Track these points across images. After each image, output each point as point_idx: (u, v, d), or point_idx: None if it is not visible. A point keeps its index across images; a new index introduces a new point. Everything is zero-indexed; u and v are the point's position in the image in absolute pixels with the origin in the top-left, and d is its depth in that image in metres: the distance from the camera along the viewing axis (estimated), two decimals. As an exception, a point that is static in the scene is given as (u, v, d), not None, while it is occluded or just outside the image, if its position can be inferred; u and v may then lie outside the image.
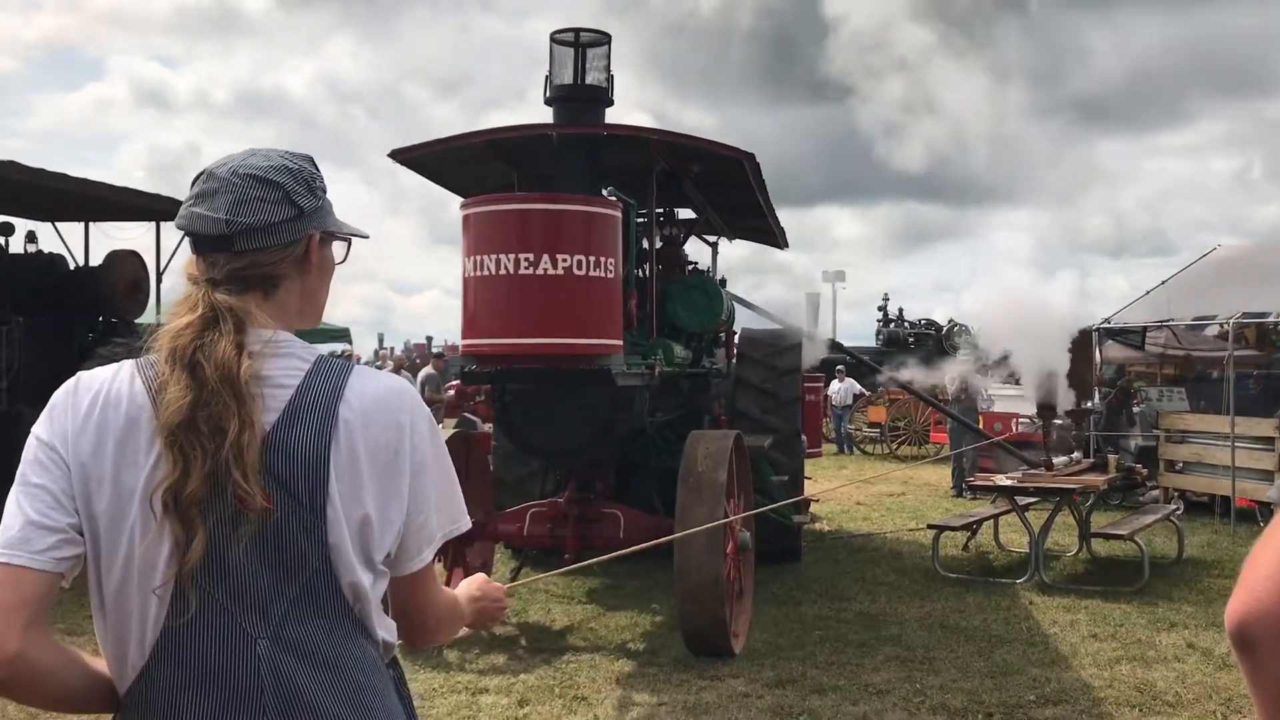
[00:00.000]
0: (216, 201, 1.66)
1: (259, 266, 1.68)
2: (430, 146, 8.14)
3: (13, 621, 1.49)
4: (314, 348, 1.71)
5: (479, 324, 6.88)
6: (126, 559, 1.56)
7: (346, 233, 1.83)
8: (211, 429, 1.53)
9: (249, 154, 1.73)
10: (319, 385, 1.63)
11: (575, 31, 7.86)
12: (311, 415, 1.60)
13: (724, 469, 6.78)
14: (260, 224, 1.66)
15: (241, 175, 1.68)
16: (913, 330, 30.45)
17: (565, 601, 8.55)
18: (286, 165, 1.72)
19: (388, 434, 1.64)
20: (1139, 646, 7.24)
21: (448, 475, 1.76)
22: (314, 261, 1.75)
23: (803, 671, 6.57)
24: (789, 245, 12.40)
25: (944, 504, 14.55)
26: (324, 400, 1.62)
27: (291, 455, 1.57)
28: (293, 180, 1.70)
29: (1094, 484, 9.82)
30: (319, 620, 1.60)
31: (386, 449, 1.64)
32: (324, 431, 1.59)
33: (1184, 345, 17.32)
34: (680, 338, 9.09)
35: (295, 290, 1.74)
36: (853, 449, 22.85)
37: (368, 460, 1.62)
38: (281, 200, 1.68)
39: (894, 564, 10.13)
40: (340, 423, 1.60)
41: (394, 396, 1.68)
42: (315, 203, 1.73)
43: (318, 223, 1.74)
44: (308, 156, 1.80)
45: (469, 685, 6.31)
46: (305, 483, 1.57)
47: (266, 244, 1.67)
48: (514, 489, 9.30)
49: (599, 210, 6.99)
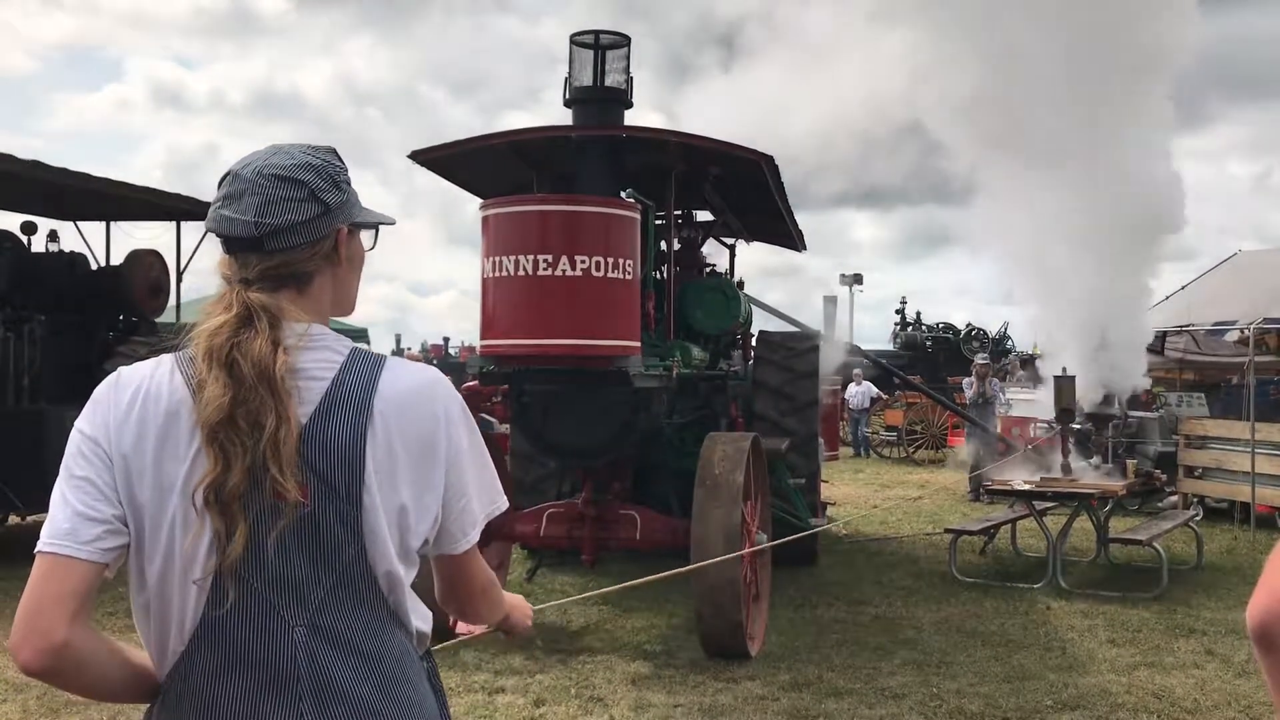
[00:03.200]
0: (244, 203, 1.68)
1: (290, 265, 1.70)
2: (450, 148, 8.16)
3: (60, 611, 1.53)
4: (347, 340, 1.74)
5: (497, 325, 6.90)
6: (168, 549, 1.59)
7: (373, 221, 1.85)
8: (250, 424, 1.55)
9: (273, 152, 1.74)
10: (354, 378, 1.66)
11: (595, 34, 7.88)
12: (347, 407, 1.63)
13: (741, 471, 6.78)
14: (288, 224, 1.68)
15: (267, 175, 1.69)
16: (930, 334, 30.37)
17: (582, 603, 8.55)
18: (310, 162, 1.73)
19: (423, 424, 1.67)
20: (1157, 652, 7.20)
21: (483, 459, 1.79)
22: (343, 254, 1.77)
23: (819, 675, 6.57)
24: (807, 248, 12.39)
25: (961, 508, 14.51)
26: (359, 392, 1.64)
27: (328, 447, 1.60)
28: (317, 177, 1.72)
29: (1112, 489, 9.78)
30: (355, 609, 1.63)
31: (422, 439, 1.67)
32: (359, 423, 1.62)
33: (1204, 351, 17.22)
34: (698, 340, 9.09)
35: (327, 283, 1.77)
36: (869, 452, 22.79)
37: (404, 450, 1.65)
38: (308, 199, 1.70)
39: (911, 568, 10.11)
40: (375, 414, 1.63)
41: (428, 387, 1.71)
42: (341, 197, 1.75)
43: (344, 216, 1.76)
44: (331, 149, 1.81)
45: (485, 685, 6.33)
46: (342, 473, 1.60)
47: (296, 242, 1.70)
48: (531, 490, 9.32)
49: (618, 212, 7.00)
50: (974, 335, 29.46)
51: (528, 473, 9.56)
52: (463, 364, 37.09)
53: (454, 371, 36.95)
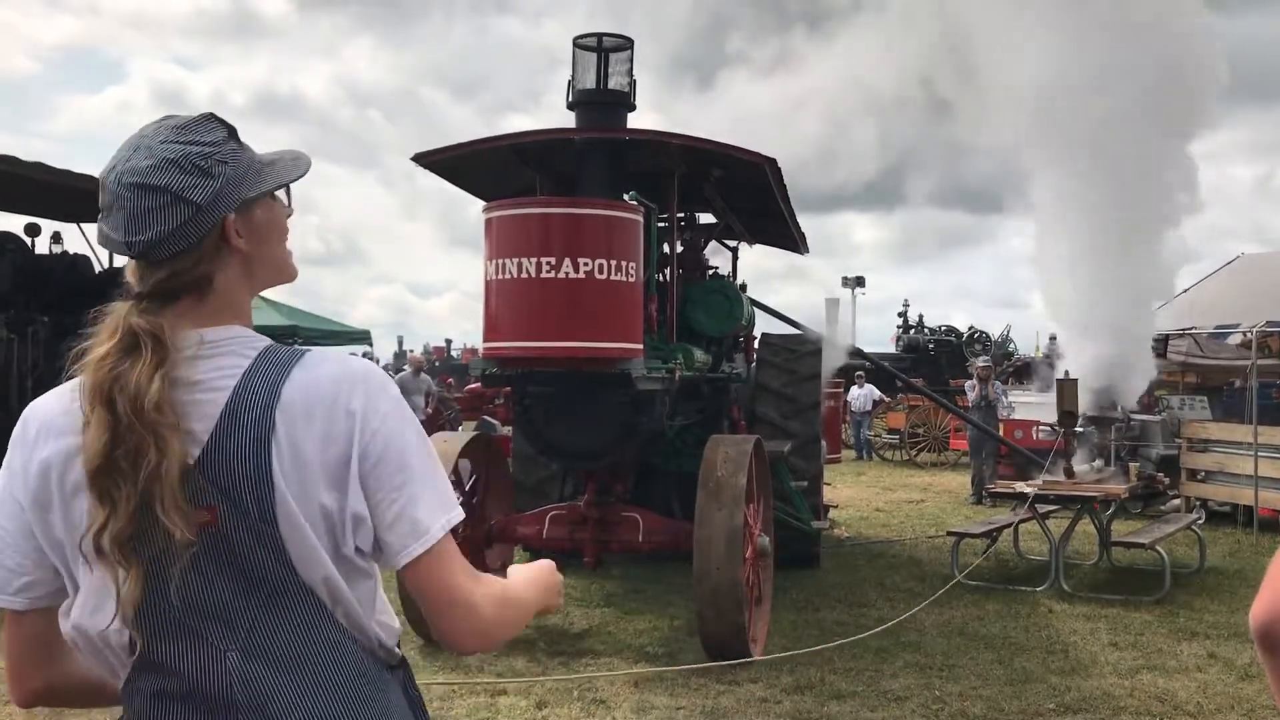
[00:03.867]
0: (115, 219, 1.56)
1: (180, 275, 1.57)
2: (453, 150, 8.16)
3: (30, 660, 1.61)
4: (260, 340, 1.60)
5: (500, 327, 6.91)
6: (86, 589, 1.55)
7: (271, 186, 1.65)
8: (131, 464, 1.46)
9: (132, 150, 1.58)
10: (258, 382, 1.53)
11: (598, 36, 7.89)
12: (248, 418, 1.51)
13: (744, 473, 6.78)
14: (158, 236, 1.54)
15: (126, 185, 1.55)
16: (933, 336, 30.38)
17: (584, 605, 8.56)
18: (169, 157, 1.55)
19: (336, 424, 1.53)
20: (1160, 656, 7.20)
21: (425, 461, 1.60)
22: (240, 238, 1.60)
23: (821, 677, 6.57)
24: (809, 250, 12.38)
25: (964, 511, 14.50)
26: (262, 398, 1.52)
27: (231, 464, 1.49)
28: (179, 174, 1.55)
29: (1115, 492, 9.78)
30: (291, 623, 1.53)
31: (337, 440, 1.52)
32: (261, 433, 1.50)
33: (1206, 354, 17.21)
34: (700, 342, 9.10)
35: (235, 274, 1.62)
36: (872, 455, 22.79)
37: (318, 453, 1.52)
38: (172, 203, 1.54)
39: (913, 570, 10.10)
40: (278, 420, 1.51)
41: (341, 385, 1.55)
42: (212, 185, 1.56)
43: (225, 203, 1.58)
44: (201, 120, 1.62)
45: (488, 687, 6.33)
46: (249, 490, 1.49)
47: (175, 250, 1.55)
48: (533, 491, 9.33)
49: (620, 214, 7.01)
50: (976, 338, 29.46)
51: (530, 475, 9.57)
52: (465, 366, 37.03)
53: (457, 373, 36.88)
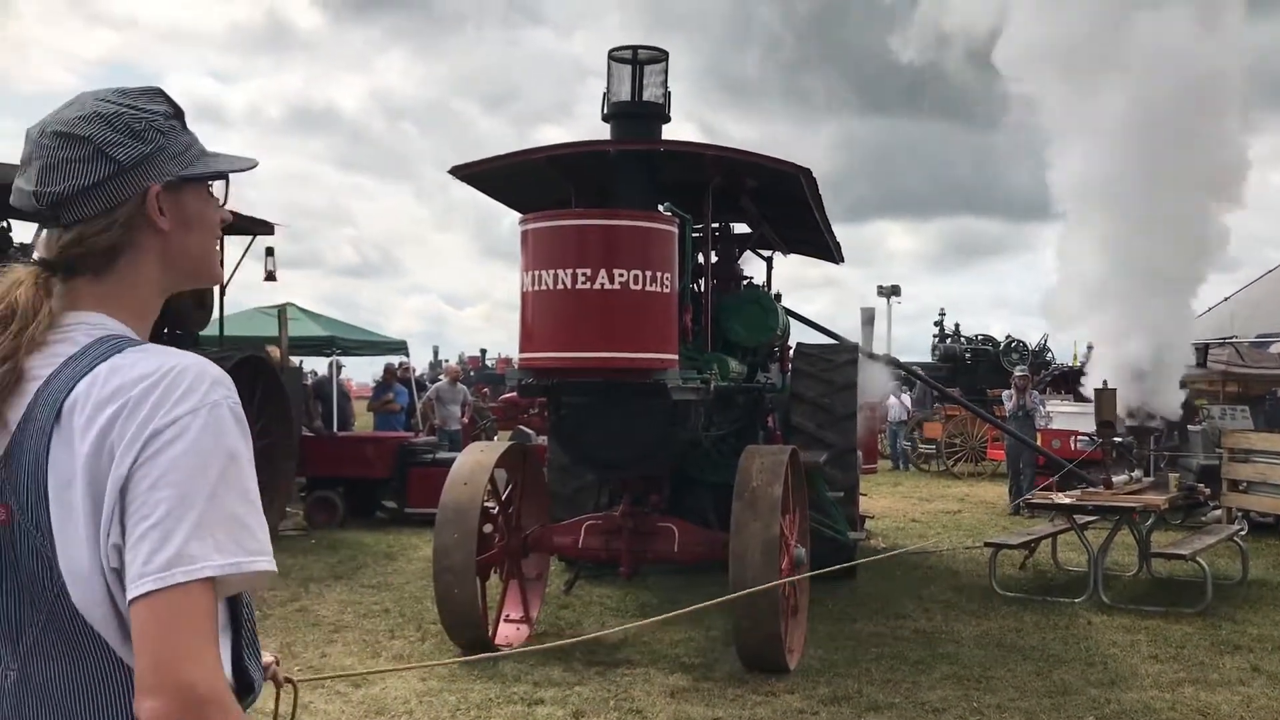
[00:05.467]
0: (30, 171, 1.43)
1: (86, 239, 1.42)
2: (489, 163, 8.24)
3: None
4: (107, 328, 1.44)
5: (536, 337, 6.95)
6: None
7: (210, 172, 1.51)
8: None
9: (67, 104, 1.46)
10: (65, 375, 1.36)
11: (633, 49, 7.93)
12: (42, 414, 1.34)
13: (779, 484, 6.78)
14: (70, 190, 1.40)
15: (49, 134, 1.42)
16: (969, 346, 30.16)
17: (620, 615, 8.57)
18: (99, 111, 1.42)
19: (118, 427, 1.31)
20: (1202, 669, 7.12)
21: (218, 486, 1.31)
22: (163, 216, 1.45)
23: (858, 689, 6.55)
24: (844, 260, 12.37)
25: (1001, 521, 14.40)
26: (57, 393, 1.34)
27: (19, 463, 1.34)
28: (106, 129, 1.41)
29: (1154, 503, 9.68)
30: (66, 654, 1.34)
31: (112, 446, 1.31)
32: (44, 434, 1.33)
33: (1247, 363, 17.02)
34: (735, 352, 9.10)
35: (147, 257, 1.47)
36: (908, 465, 22.67)
37: (90, 458, 1.32)
38: (92, 156, 1.40)
39: (950, 582, 10.05)
40: (64, 418, 1.33)
41: (142, 382, 1.33)
42: (140, 149, 1.42)
43: (154, 172, 1.43)
44: (144, 90, 1.49)
45: (525, 696, 6.35)
46: (29, 495, 1.33)
47: (87, 213, 1.41)
48: (569, 501, 9.36)
49: (655, 225, 7.04)
50: (1013, 347, 29.19)
51: (565, 484, 9.60)
52: (500, 376, 36.97)
53: (492, 383, 36.84)
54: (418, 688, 6.43)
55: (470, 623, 7.21)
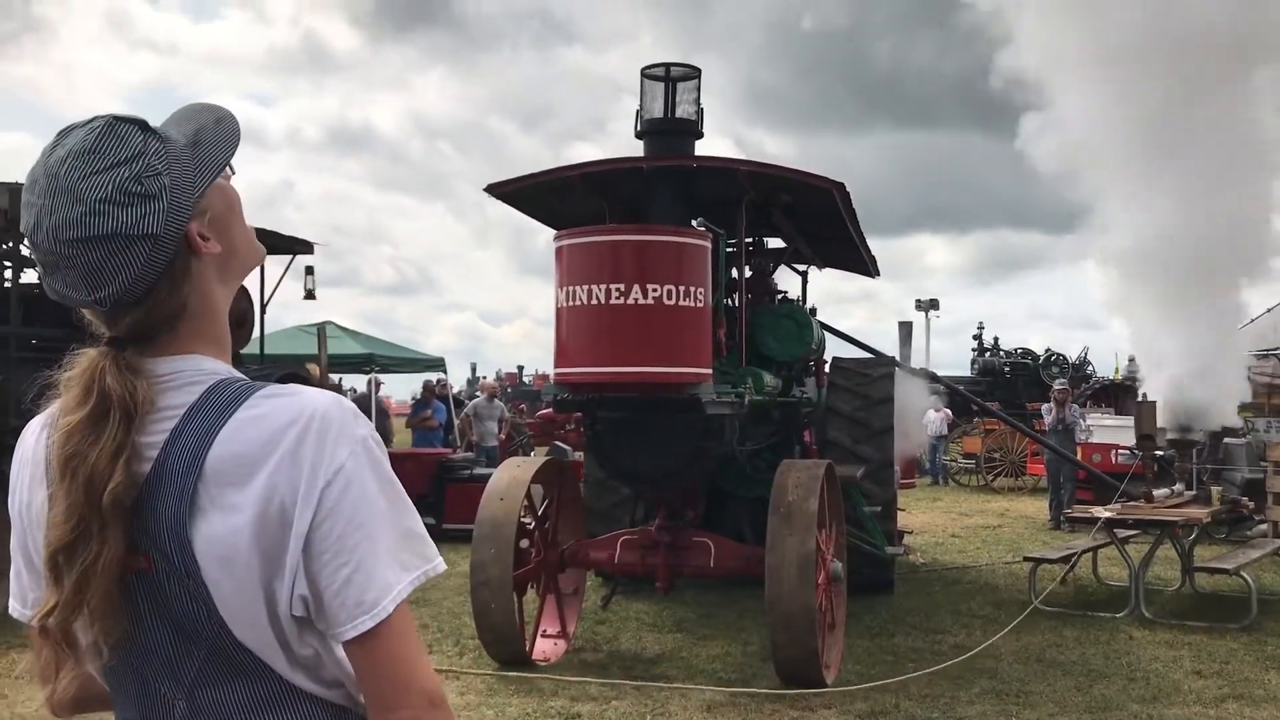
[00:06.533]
0: (68, 277, 1.39)
1: (158, 309, 1.41)
2: (524, 180, 8.32)
3: (51, 671, 1.49)
4: (211, 368, 1.45)
5: (571, 353, 6.99)
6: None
7: (215, 174, 1.45)
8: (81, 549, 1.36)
9: (51, 197, 1.37)
10: (193, 427, 1.38)
11: (666, 66, 7.99)
12: (176, 470, 1.37)
13: (815, 498, 6.77)
14: (126, 282, 1.38)
15: (65, 242, 1.36)
16: (1009, 359, 29.94)
17: (657, 630, 8.58)
18: (101, 198, 1.35)
19: (293, 484, 1.36)
20: (1246, 685, 7.02)
21: (388, 519, 1.42)
22: (208, 242, 1.44)
23: (896, 704, 6.51)
24: (880, 274, 12.35)
25: (1041, 536, 14.27)
26: (191, 449, 1.37)
27: (158, 516, 1.36)
28: (120, 213, 1.36)
29: (1196, 517, 9.56)
30: (235, 682, 1.42)
31: (275, 498, 1.36)
32: (186, 489, 1.36)
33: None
34: (770, 366, 9.11)
35: (209, 284, 1.47)
36: (947, 480, 22.50)
37: (254, 511, 1.36)
38: (126, 245, 1.36)
39: (990, 596, 9.97)
40: (206, 476, 1.36)
41: (288, 431, 1.37)
42: (160, 205, 1.37)
43: (180, 214, 1.39)
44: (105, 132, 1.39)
45: (562, 710, 6.38)
46: (173, 546, 1.36)
47: (148, 285, 1.39)
48: (605, 516, 9.39)
49: (689, 241, 7.07)
50: (1053, 360, 28.96)
51: (601, 499, 9.63)
52: (537, 392, 37.16)
53: (529, 399, 36.95)
54: (455, 702, 6.47)
55: (507, 638, 7.24)
